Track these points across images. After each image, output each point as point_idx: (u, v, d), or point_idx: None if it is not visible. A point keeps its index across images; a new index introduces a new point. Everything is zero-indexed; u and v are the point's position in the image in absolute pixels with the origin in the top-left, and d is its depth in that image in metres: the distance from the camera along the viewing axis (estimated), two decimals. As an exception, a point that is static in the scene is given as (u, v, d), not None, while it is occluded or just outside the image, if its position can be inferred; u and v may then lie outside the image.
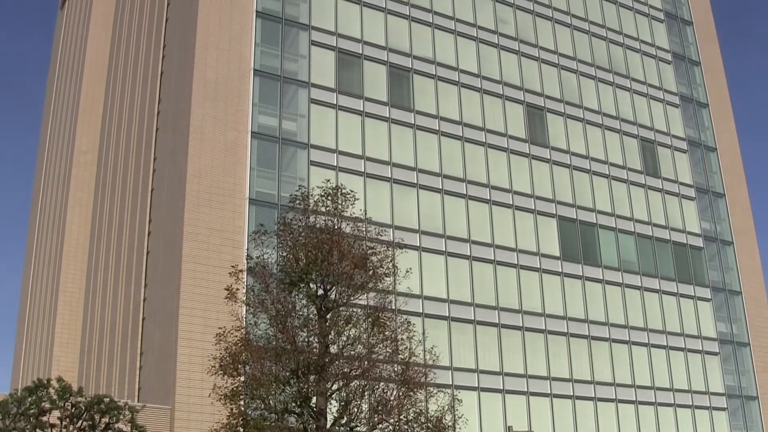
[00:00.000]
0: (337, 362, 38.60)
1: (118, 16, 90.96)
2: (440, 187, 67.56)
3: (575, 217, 73.57)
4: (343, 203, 41.99)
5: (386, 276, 40.95)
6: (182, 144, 60.72)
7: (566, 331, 69.10)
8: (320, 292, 39.90)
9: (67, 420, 43.93)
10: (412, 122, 68.51)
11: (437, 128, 69.49)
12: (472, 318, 65.48)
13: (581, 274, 71.85)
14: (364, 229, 42.37)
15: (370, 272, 40.30)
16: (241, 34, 63.91)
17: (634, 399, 70.48)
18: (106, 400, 44.80)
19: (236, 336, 39.36)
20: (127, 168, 75.10)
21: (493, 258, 68.02)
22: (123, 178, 76.02)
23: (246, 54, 63.56)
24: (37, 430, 42.73)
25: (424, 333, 56.37)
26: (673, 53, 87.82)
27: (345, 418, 38.36)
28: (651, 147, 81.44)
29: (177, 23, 69.15)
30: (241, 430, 37.39)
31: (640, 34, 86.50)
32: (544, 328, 68.28)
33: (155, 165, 67.89)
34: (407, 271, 48.91)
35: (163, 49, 71.79)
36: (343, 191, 42.43)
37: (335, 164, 63.49)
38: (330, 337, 39.07)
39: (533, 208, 71.63)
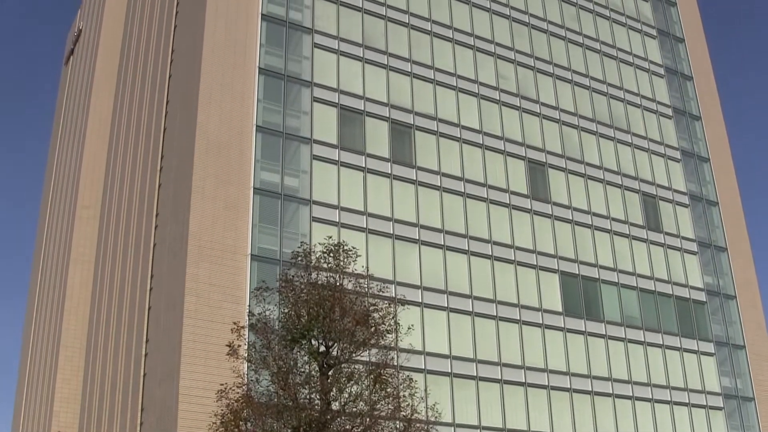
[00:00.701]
0: (339, 419, 38.45)
1: (122, 72, 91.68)
2: (442, 243, 67.56)
3: (577, 272, 73.46)
4: (345, 260, 42.07)
5: (388, 332, 40.91)
6: (184, 200, 60.86)
7: (569, 386, 68.71)
8: (322, 348, 39.84)
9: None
10: (414, 178, 68.69)
11: (439, 184, 69.65)
12: (475, 374, 65.14)
13: (584, 330, 71.58)
14: (366, 285, 42.39)
15: (372, 329, 40.28)
16: (243, 91, 64.32)
17: (639, 455, 69.97)
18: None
19: (238, 393, 39.26)
20: (129, 224, 75.24)
21: (495, 314, 67.82)
22: (125, 233, 76.13)
23: (248, 111, 63.92)
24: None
25: (426, 389, 56.01)
26: (673, 108, 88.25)
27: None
28: (653, 201, 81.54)
29: (180, 80, 69.67)
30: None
31: (641, 89, 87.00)
32: (546, 383, 67.89)
33: (157, 221, 68.00)
34: (409, 328, 48.70)
35: (166, 106, 72.26)
36: (345, 248, 42.52)
37: (337, 220, 63.55)
38: (332, 393, 38.96)
39: (535, 263, 71.56)
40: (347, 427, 38.41)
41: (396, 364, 43.41)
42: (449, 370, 64.04)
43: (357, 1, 73.21)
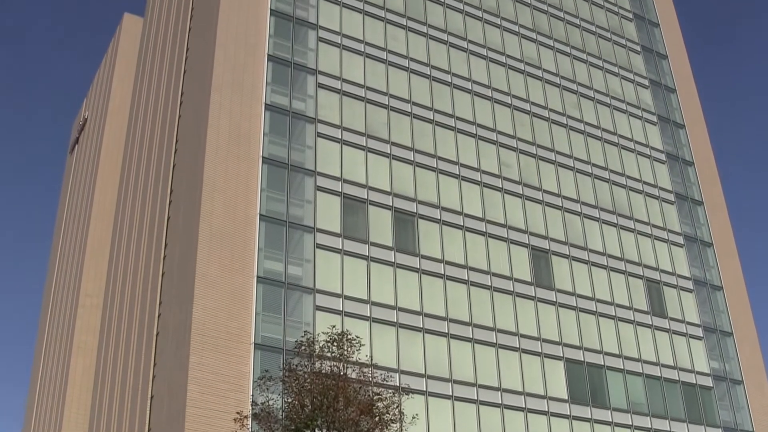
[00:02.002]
0: None
1: (127, 161, 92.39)
2: (446, 332, 67.28)
3: (582, 359, 73.01)
4: (349, 349, 41.94)
5: (393, 422, 40.61)
6: (188, 288, 60.83)
7: (576, 476, 67.88)
8: (327, 438, 39.46)
9: None
10: (418, 267, 68.70)
11: (442, 272, 69.63)
12: (481, 464, 64.41)
13: (590, 417, 70.86)
14: (369, 374, 42.19)
15: (377, 418, 39.98)
16: (247, 180, 64.71)
17: None
18: None
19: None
20: (133, 312, 75.13)
21: (500, 402, 67.24)
22: (128, 321, 75.97)
23: (252, 199, 64.21)
24: None
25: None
26: (675, 193, 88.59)
27: None
28: (657, 287, 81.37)
29: (184, 169, 70.16)
30: None
31: (643, 175, 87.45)
32: (553, 473, 67.10)
33: (161, 309, 67.89)
34: (414, 417, 48.44)
35: (170, 194, 72.67)
36: (349, 337, 42.43)
37: (341, 309, 63.40)
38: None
39: (540, 351, 71.16)
40: None
41: (401, 454, 42.85)
42: (454, 460, 63.34)
43: (360, 90, 74.06)
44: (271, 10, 73.73)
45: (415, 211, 71.08)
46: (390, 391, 42.21)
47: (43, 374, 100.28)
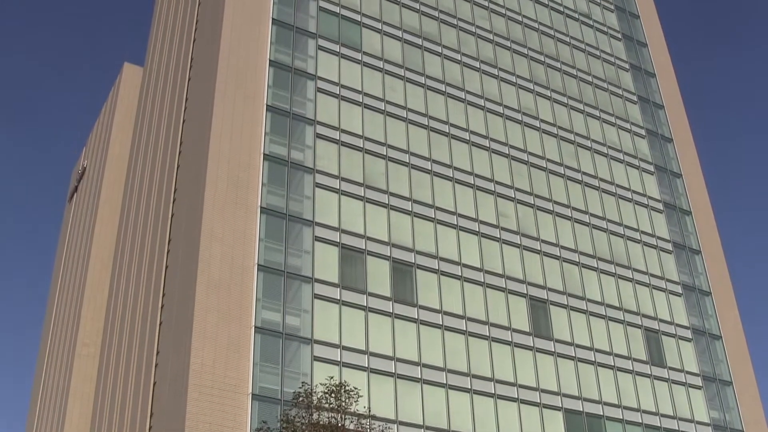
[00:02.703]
0: None
1: (125, 210, 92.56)
2: (444, 382, 67.01)
3: (581, 409, 72.67)
4: (347, 400, 41.85)
5: (390, 474, 40.39)
6: (185, 338, 60.67)
7: None
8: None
9: None
10: (416, 317, 68.56)
11: (441, 323, 69.48)
12: None
13: (589, 469, 70.49)
14: (368, 425, 42.04)
15: (375, 470, 39.78)
16: (245, 230, 64.75)
17: None
18: None
19: None
20: (130, 361, 74.86)
21: (499, 453, 66.87)
22: (125, 371, 75.67)
23: (250, 249, 64.21)
24: None
25: None
26: (673, 242, 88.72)
27: None
28: (655, 336, 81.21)
29: (182, 219, 70.25)
30: None
31: (640, 225, 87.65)
32: None
33: (158, 359, 67.67)
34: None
35: (168, 244, 72.70)
36: (347, 388, 42.33)
37: (339, 359, 63.17)
38: None
39: (539, 401, 70.84)
40: None
41: None
42: None
43: (358, 141, 74.39)
44: (270, 60, 74.25)
45: (413, 261, 71.09)
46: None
47: (39, 422, 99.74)
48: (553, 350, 74.00)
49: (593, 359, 75.80)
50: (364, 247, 69.27)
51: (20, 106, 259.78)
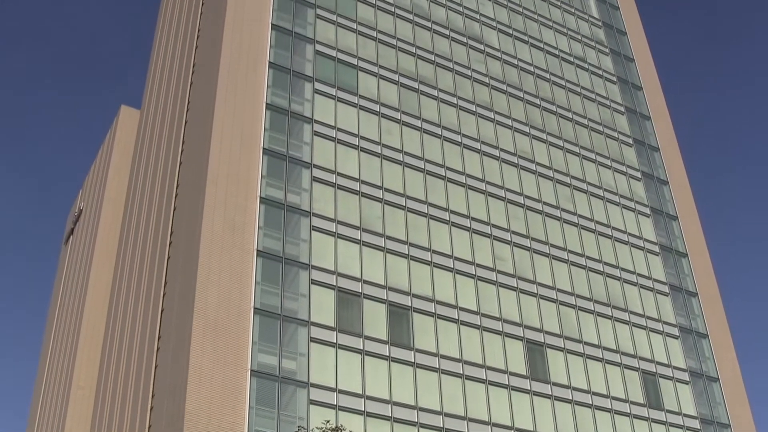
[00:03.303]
0: None
1: (121, 252, 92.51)
2: (441, 425, 66.62)
3: (579, 453, 72.34)
4: (343, 444, 41.61)
5: None
6: (181, 381, 60.39)
7: None
8: None
9: None
10: (412, 360, 68.34)
11: (437, 366, 69.24)
12: None
13: None
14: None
15: None
16: (241, 273, 64.70)
17: None
18: None
19: None
20: (125, 404, 74.47)
21: (496, 498, 66.41)
22: (120, 414, 75.26)
23: (246, 292, 64.13)
24: None
25: None
26: (670, 285, 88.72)
27: None
28: (653, 379, 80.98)
29: (178, 262, 70.21)
30: None
31: (637, 267, 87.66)
32: None
33: (153, 402, 67.33)
34: None
35: (164, 287, 72.60)
36: (343, 431, 42.13)
37: (335, 403, 62.88)
38: None
39: (536, 445, 70.53)
40: None
41: None
42: None
43: (354, 184, 74.51)
44: (266, 104, 74.56)
45: (410, 304, 70.98)
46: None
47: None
48: (550, 393, 73.74)
49: (590, 402, 75.51)
50: (360, 291, 69.17)
51: (17, 148, 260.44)
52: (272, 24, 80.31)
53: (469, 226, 78.85)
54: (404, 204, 76.23)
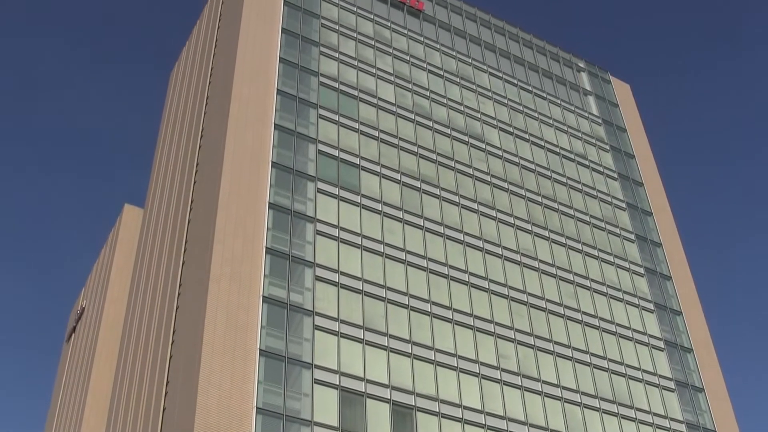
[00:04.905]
0: None
1: (123, 351, 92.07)
2: None
3: None
4: None
5: None
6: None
7: None
8: None
9: None
10: (417, 461, 67.60)
11: (442, 466, 68.47)
12: None
13: None
14: None
15: None
16: (244, 373, 64.19)
17: None
18: None
19: None
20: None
21: None
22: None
23: (249, 393, 63.58)
24: None
25: None
26: (675, 381, 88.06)
27: None
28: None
29: (180, 362, 69.77)
30: None
31: (642, 364, 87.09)
32: None
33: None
34: None
35: (165, 386, 72.09)
36: None
37: (338, 506, 62.06)
38: None
39: None
40: None
41: None
42: None
43: (357, 283, 74.43)
44: (269, 203, 74.92)
45: (414, 403, 70.33)
46: None
47: None
48: (556, 495, 72.69)
49: (598, 503, 74.43)
50: (363, 390, 68.61)
51: (20, 246, 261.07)
52: (275, 124, 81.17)
53: (472, 324, 78.54)
54: (407, 302, 76.04)
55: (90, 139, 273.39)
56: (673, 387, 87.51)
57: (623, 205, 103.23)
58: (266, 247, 71.99)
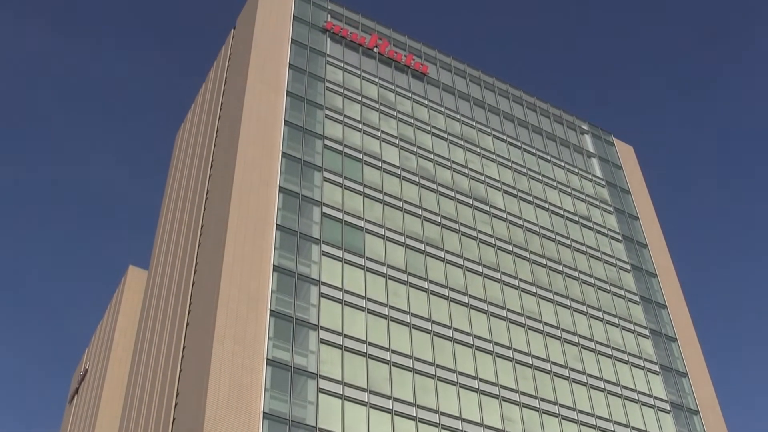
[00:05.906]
0: None
1: (126, 413, 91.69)
2: None
3: None
4: None
5: None
6: None
7: None
8: None
9: None
10: None
11: None
12: None
13: None
14: None
15: None
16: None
17: None
18: None
19: None
20: None
21: None
22: None
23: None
24: None
25: None
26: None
27: None
28: None
29: (183, 426, 69.44)
30: None
31: (648, 426, 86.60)
32: None
33: None
34: None
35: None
36: None
37: None
38: None
39: None
40: None
41: None
42: None
43: (361, 346, 74.24)
44: (273, 265, 75.02)
45: (418, 478, 69.81)
46: None
47: None
48: None
49: None
50: (368, 463, 68.10)
51: (22, 306, 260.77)
52: (280, 186, 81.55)
53: (477, 387, 78.17)
54: (412, 366, 75.76)
55: (95, 199, 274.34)
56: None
57: (627, 266, 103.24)
58: (271, 310, 71.95)
